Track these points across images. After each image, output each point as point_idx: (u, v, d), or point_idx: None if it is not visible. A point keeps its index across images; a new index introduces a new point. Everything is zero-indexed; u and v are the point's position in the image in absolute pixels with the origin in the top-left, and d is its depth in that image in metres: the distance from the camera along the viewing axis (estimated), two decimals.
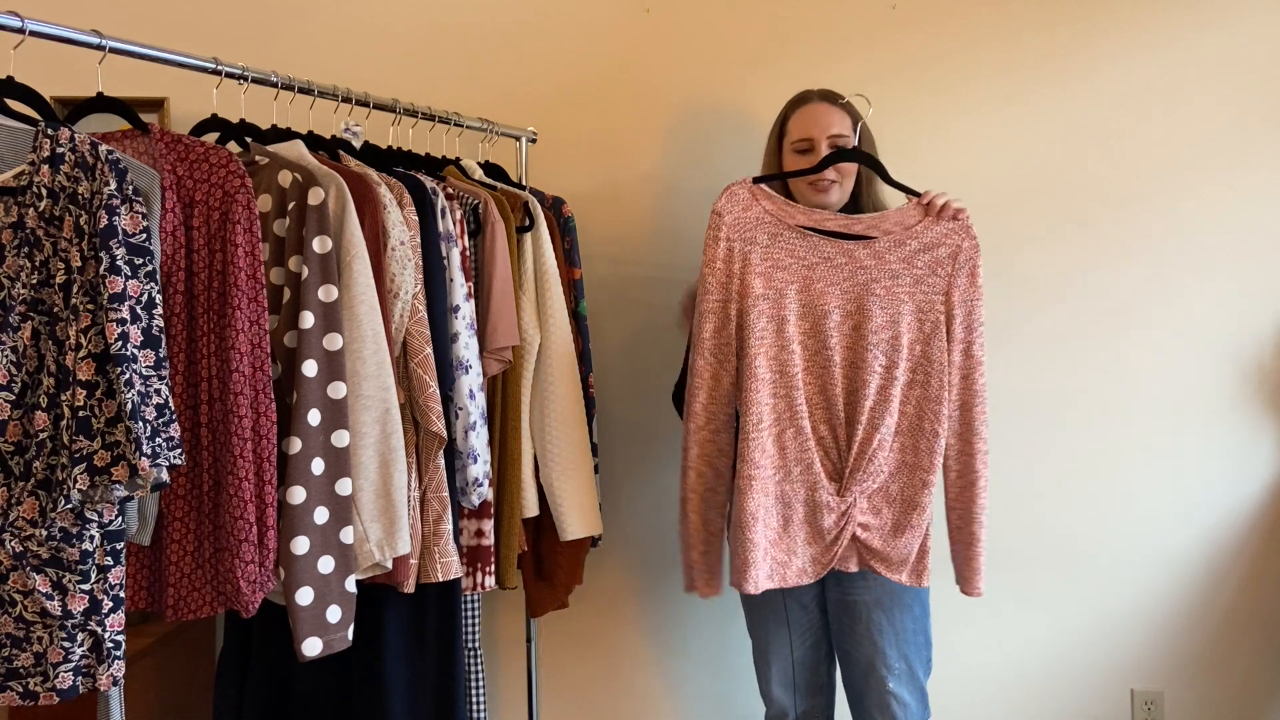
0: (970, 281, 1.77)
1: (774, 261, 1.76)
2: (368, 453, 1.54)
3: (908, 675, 1.86)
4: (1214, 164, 2.31)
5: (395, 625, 1.78)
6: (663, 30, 2.41)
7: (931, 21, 2.35)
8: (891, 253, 1.77)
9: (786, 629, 1.94)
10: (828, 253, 1.77)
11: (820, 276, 1.76)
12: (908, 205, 1.82)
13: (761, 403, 1.75)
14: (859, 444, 1.75)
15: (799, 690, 1.97)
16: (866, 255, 1.77)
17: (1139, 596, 2.37)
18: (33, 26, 1.28)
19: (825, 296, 1.76)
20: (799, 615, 1.93)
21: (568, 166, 2.41)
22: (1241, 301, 2.32)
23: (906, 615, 1.87)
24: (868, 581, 1.85)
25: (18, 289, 1.23)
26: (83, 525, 1.22)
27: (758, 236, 1.77)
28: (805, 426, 1.76)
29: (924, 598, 1.90)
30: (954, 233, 1.79)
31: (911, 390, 1.77)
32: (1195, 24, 2.31)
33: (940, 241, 1.78)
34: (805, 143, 1.89)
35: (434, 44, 2.43)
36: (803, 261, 1.77)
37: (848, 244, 1.78)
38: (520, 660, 2.45)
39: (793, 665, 1.95)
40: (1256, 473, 2.34)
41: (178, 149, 1.42)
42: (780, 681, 1.96)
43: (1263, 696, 2.37)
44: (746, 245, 1.76)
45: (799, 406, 1.76)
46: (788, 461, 1.77)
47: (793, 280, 1.76)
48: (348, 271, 1.51)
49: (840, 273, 1.77)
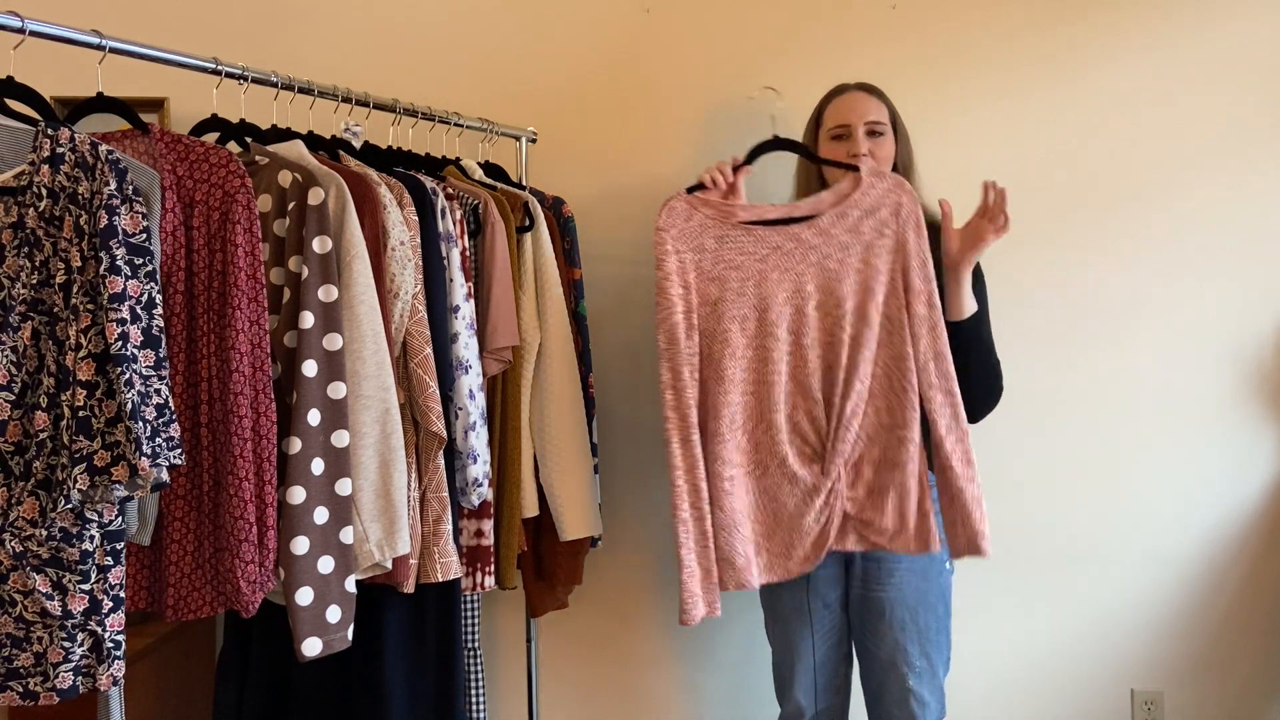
0: (918, 233, 1.79)
1: (726, 262, 1.79)
2: (368, 453, 1.54)
3: (929, 674, 1.86)
4: (1214, 163, 2.31)
5: (395, 625, 1.78)
6: (663, 30, 2.41)
7: (931, 21, 2.35)
8: (836, 226, 1.80)
9: (809, 628, 1.92)
10: (776, 242, 1.80)
11: (774, 266, 1.79)
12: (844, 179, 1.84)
13: (734, 403, 1.77)
14: (837, 419, 1.76)
15: (819, 691, 1.96)
16: (813, 235, 1.80)
17: (1139, 597, 2.37)
18: (33, 26, 1.28)
19: (782, 285, 1.79)
20: (823, 615, 1.92)
21: (568, 166, 2.41)
22: (1241, 301, 2.31)
23: (930, 614, 1.86)
24: (894, 579, 1.84)
25: (18, 289, 1.23)
26: (83, 525, 1.22)
27: (705, 243, 1.79)
28: (778, 420, 1.77)
29: (947, 597, 1.90)
30: (891, 192, 1.81)
31: (880, 352, 1.79)
32: (1195, 23, 2.31)
33: (880, 203, 1.81)
34: (842, 128, 1.91)
35: (434, 44, 2.43)
36: (753, 256, 1.79)
37: (793, 229, 1.80)
38: (520, 660, 2.45)
39: (817, 667, 1.94)
40: (1256, 473, 2.34)
41: (178, 149, 1.43)
42: (800, 682, 1.95)
43: (1263, 696, 2.37)
44: (696, 254, 1.79)
45: (773, 400, 1.77)
46: (763, 457, 1.79)
47: (748, 277, 1.79)
48: (348, 271, 1.51)
49: (791, 258, 1.79)
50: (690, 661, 2.47)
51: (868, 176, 1.81)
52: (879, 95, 1.95)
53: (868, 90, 1.95)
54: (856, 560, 1.89)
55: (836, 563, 1.91)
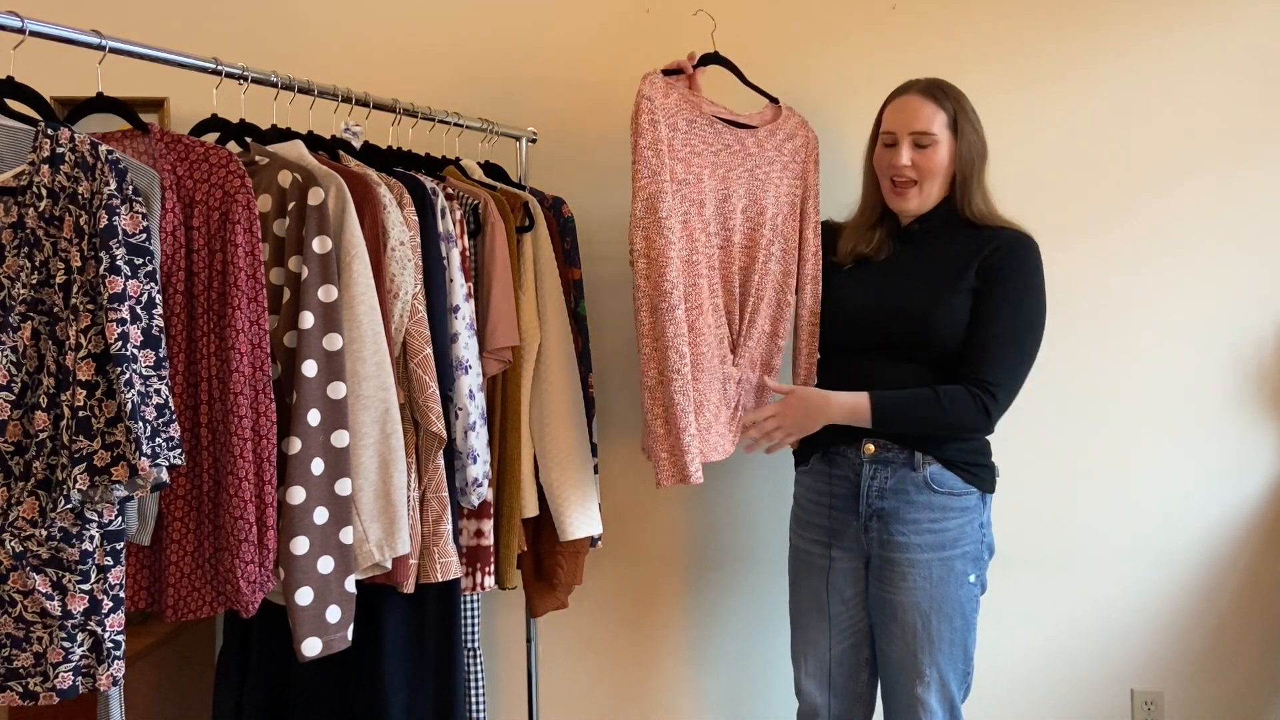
0: (815, 167, 2.03)
1: (690, 148, 1.84)
2: (367, 453, 1.54)
3: (938, 684, 1.82)
4: (1214, 162, 2.31)
5: (395, 625, 1.78)
6: (663, 30, 2.41)
7: (931, 21, 2.35)
8: (768, 141, 1.95)
9: (827, 622, 1.92)
10: (728, 140, 1.89)
11: (723, 163, 1.88)
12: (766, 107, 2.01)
13: (688, 284, 1.80)
14: (749, 316, 1.92)
15: (834, 691, 1.94)
16: (753, 143, 1.92)
17: (1139, 597, 2.37)
18: (33, 26, 1.28)
19: (728, 181, 1.89)
20: (840, 610, 1.91)
21: (568, 166, 2.41)
22: (1241, 301, 2.31)
23: (945, 624, 1.81)
24: (906, 582, 1.81)
25: (18, 289, 1.23)
26: (83, 525, 1.22)
27: (677, 122, 1.84)
28: (719, 304, 1.90)
29: (967, 610, 1.84)
30: (801, 126, 2.04)
31: (771, 265, 1.94)
32: (1196, 23, 2.30)
33: (795, 133, 2.02)
34: (889, 136, 1.87)
35: (434, 44, 2.43)
36: (711, 148, 1.87)
37: (740, 132, 1.91)
38: (520, 660, 2.45)
39: (830, 662, 1.93)
40: (1256, 473, 2.34)
41: (178, 149, 1.43)
42: (814, 676, 1.94)
43: (1263, 696, 2.37)
44: (670, 130, 1.81)
45: (712, 285, 1.87)
46: (708, 338, 1.86)
47: (705, 165, 1.85)
48: (347, 271, 1.51)
49: (737, 159, 1.90)
50: (690, 661, 2.47)
51: (784, 109, 2.01)
52: (938, 98, 1.84)
53: (925, 93, 1.84)
54: (874, 558, 1.87)
55: (854, 556, 1.90)
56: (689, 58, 1.92)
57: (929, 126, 1.82)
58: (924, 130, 1.82)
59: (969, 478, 1.84)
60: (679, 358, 1.74)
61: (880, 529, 1.84)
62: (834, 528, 1.90)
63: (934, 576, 1.81)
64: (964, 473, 1.83)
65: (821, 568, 1.92)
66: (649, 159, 1.74)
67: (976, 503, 1.86)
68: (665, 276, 1.73)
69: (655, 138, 1.75)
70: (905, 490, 1.81)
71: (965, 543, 1.84)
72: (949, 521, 1.82)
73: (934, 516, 1.82)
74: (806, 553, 1.96)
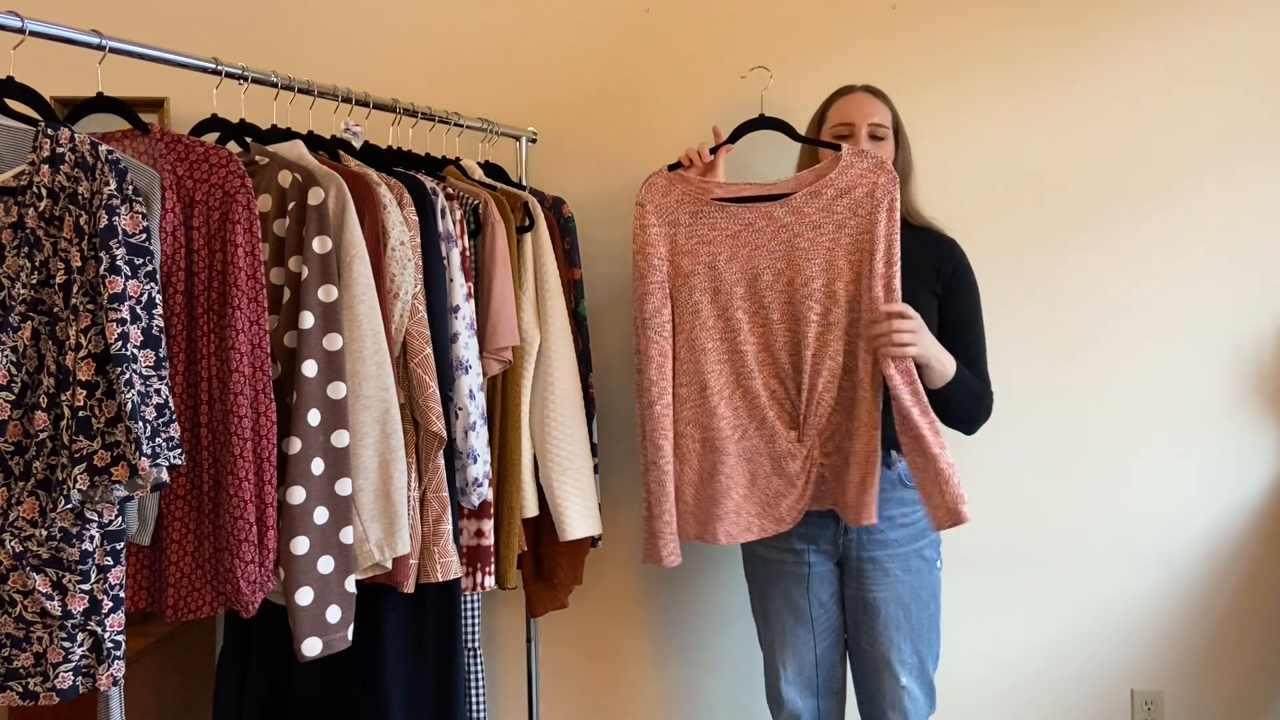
0: (889, 216, 1.79)
1: (699, 237, 1.86)
2: (367, 453, 1.54)
3: (919, 670, 1.89)
4: (1215, 162, 2.31)
5: (395, 625, 1.78)
6: (663, 30, 2.41)
7: (931, 20, 2.35)
8: (809, 205, 1.84)
9: (803, 627, 1.94)
10: (748, 219, 1.86)
11: (745, 242, 1.85)
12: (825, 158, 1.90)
13: (707, 370, 1.86)
14: (807, 391, 1.83)
15: (814, 691, 1.96)
16: (785, 213, 1.84)
17: (1139, 597, 2.37)
18: (33, 26, 1.28)
19: (752, 260, 1.85)
20: (817, 613, 1.93)
21: (568, 166, 2.41)
22: (1241, 301, 2.31)
23: (923, 611, 1.88)
24: (888, 578, 1.86)
25: (18, 289, 1.23)
26: (83, 525, 1.22)
27: (680, 217, 1.86)
28: (755, 385, 1.85)
29: (938, 593, 1.92)
30: (869, 172, 1.82)
31: (850, 330, 1.83)
32: (1196, 22, 2.31)
33: (856, 183, 1.82)
34: (845, 127, 1.93)
35: (434, 44, 2.43)
36: (725, 232, 1.85)
37: (765, 206, 1.86)
38: (520, 660, 2.45)
39: (816, 664, 1.95)
40: (1256, 473, 2.34)
41: (178, 149, 1.43)
42: (797, 681, 1.96)
43: (1263, 696, 2.37)
44: (671, 228, 1.86)
45: (746, 368, 1.85)
46: (742, 420, 1.86)
47: (719, 251, 1.85)
48: (348, 271, 1.51)
49: (762, 235, 1.85)
50: (690, 661, 2.47)
51: (848, 155, 1.83)
52: (884, 99, 1.97)
53: (873, 93, 1.98)
54: (851, 559, 1.89)
55: (830, 560, 1.92)
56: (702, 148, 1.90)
57: (884, 120, 1.94)
58: (880, 122, 1.93)
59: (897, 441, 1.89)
60: (654, 449, 1.85)
61: (860, 530, 1.86)
62: (811, 533, 1.92)
63: (911, 568, 1.87)
64: None
65: (798, 575, 1.93)
66: (638, 262, 1.87)
67: None
68: (645, 374, 1.86)
69: (644, 241, 1.87)
70: (882, 489, 1.84)
71: (930, 531, 1.91)
72: (917, 513, 1.88)
73: (905, 511, 1.88)
74: (778, 561, 1.96)
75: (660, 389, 1.85)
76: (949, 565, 1.98)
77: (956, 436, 2.19)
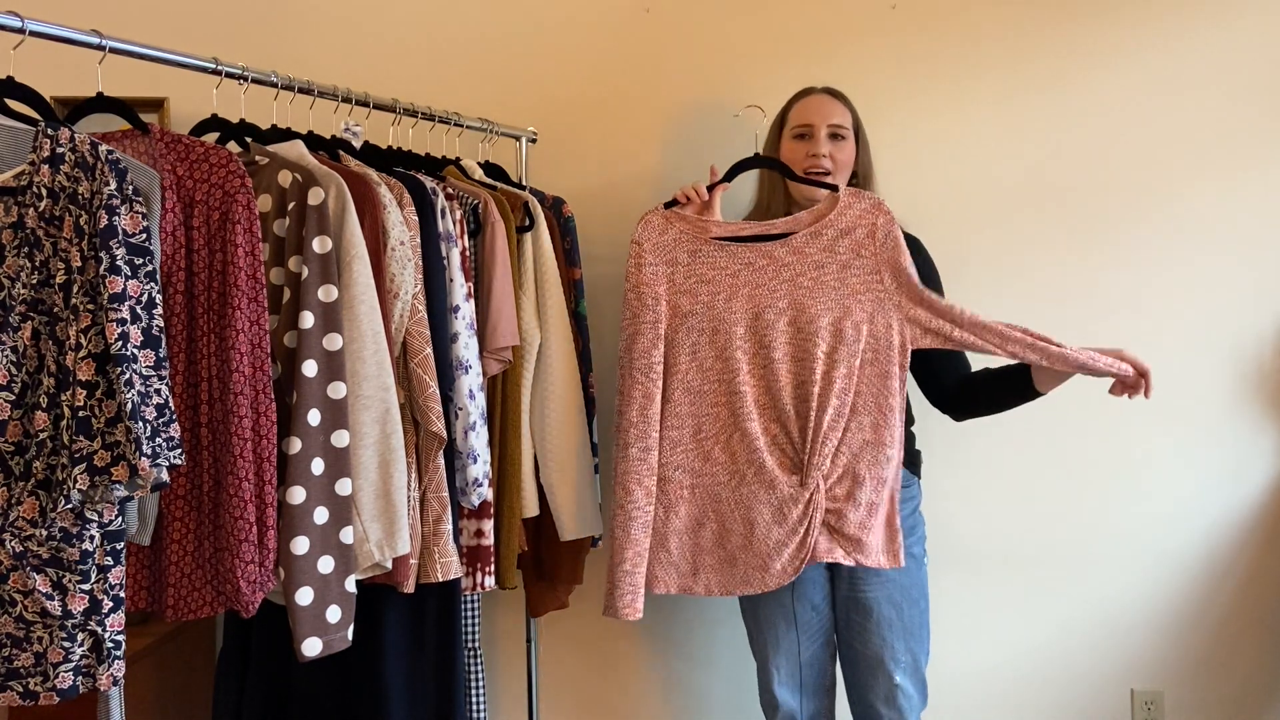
0: (897, 251, 1.79)
1: (697, 277, 1.82)
2: (367, 453, 1.54)
3: (912, 667, 1.89)
4: (1214, 163, 2.31)
5: (395, 625, 1.78)
6: (663, 30, 2.41)
7: (931, 21, 2.35)
8: (810, 245, 1.81)
9: (795, 630, 1.94)
10: (748, 258, 1.82)
11: (745, 281, 1.81)
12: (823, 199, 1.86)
13: (702, 413, 1.81)
14: (812, 433, 1.77)
15: (806, 691, 1.97)
16: (786, 253, 1.81)
17: (1139, 597, 2.37)
18: (33, 26, 1.28)
19: (754, 299, 1.81)
20: (809, 616, 1.93)
21: (568, 166, 2.41)
22: (1241, 301, 2.32)
23: (914, 609, 1.89)
24: (879, 577, 1.86)
25: (18, 289, 1.23)
26: (83, 525, 1.22)
27: (678, 256, 1.83)
28: (753, 429, 1.78)
29: (926, 589, 1.93)
30: (868, 213, 1.82)
31: (864, 370, 1.79)
32: (1195, 23, 2.31)
33: (856, 224, 1.81)
34: (805, 128, 1.93)
35: (434, 44, 2.43)
36: (725, 271, 1.81)
37: (766, 246, 1.82)
38: (520, 660, 2.45)
39: (800, 666, 1.95)
40: (1256, 473, 2.34)
41: (178, 149, 1.43)
42: (788, 683, 1.96)
43: (1263, 696, 2.37)
44: (669, 267, 1.82)
45: (744, 410, 1.79)
46: (739, 466, 1.80)
47: (719, 290, 1.81)
48: (348, 271, 1.51)
49: (763, 274, 1.81)
50: (690, 661, 2.47)
51: (846, 197, 1.82)
52: (844, 100, 1.97)
53: (833, 94, 1.98)
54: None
55: (821, 566, 1.92)
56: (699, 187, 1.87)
57: (844, 121, 1.94)
58: (839, 123, 1.93)
59: (912, 468, 1.93)
60: (624, 493, 1.80)
61: None
62: None
63: (902, 568, 1.86)
64: (909, 465, 1.91)
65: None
66: (631, 301, 1.83)
67: (916, 490, 1.95)
68: (625, 415, 1.81)
69: (639, 280, 1.83)
70: None
71: (917, 529, 1.93)
72: (904, 511, 1.87)
73: None
74: None
75: (639, 432, 1.79)
76: (949, 566, 1.99)
77: (956, 436, 2.19)
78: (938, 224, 2.02)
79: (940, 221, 2.03)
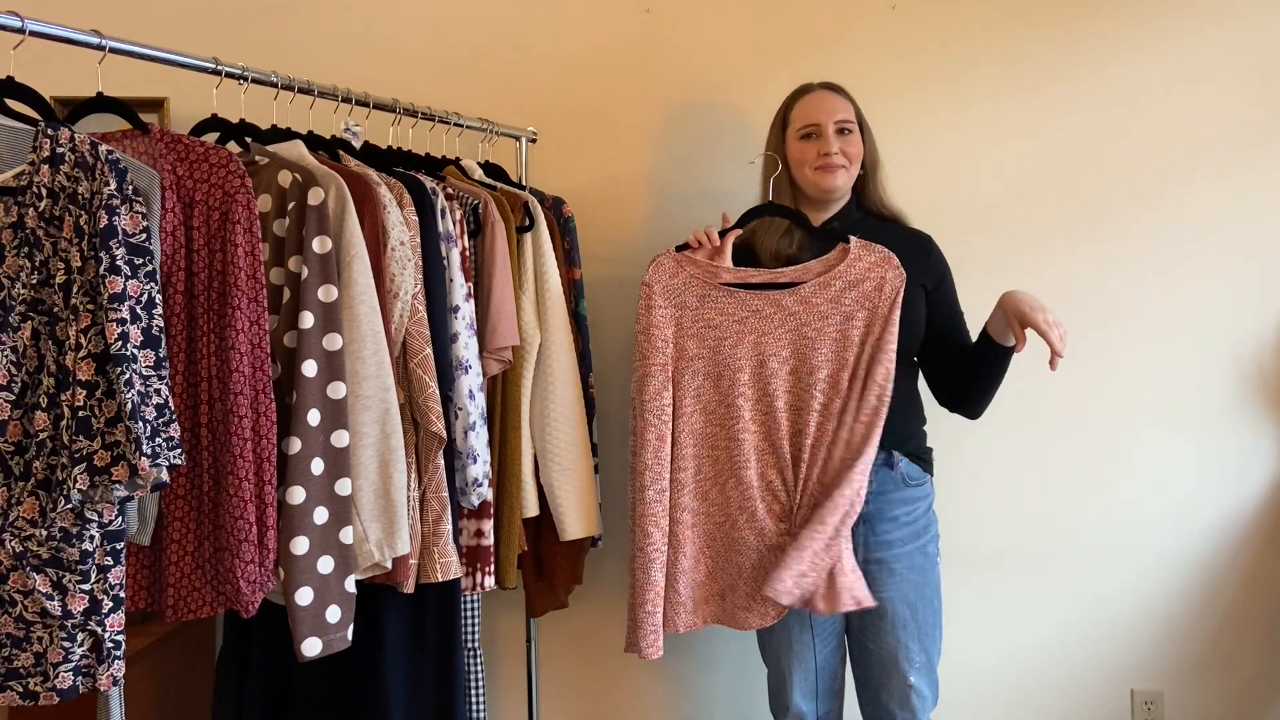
0: (893, 309, 1.79)
1: (705, 321, 1.83)
2: (367, 453, 1.54)
3: (926, 667, 1.88)
4: (1214, 162, 2.31)
5: (395, 625, 1.78)
6: (663, 30, 2.41)
7: (931, 21, 2.35)
8: (818, 295, 1.81)
9: (810, 634, 1.93)
10: (756, 306, 1.82)
11: (752, 328, 1.82)
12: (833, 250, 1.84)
13: (702, 455, 1.84)
14: (803, 483, 1.80)
15: (820, 696, 1.96)
16: (793, 302, 1.81)
17: (1139, 597, 2.37)
18: (33, 26, 1.28)
19: (759, 347, 1.81)
20: (822, 619, 1.92)
21: (568, 166, 2.41)
22: (1241, 301, 2.32)
23: (928, 608, 1.88)
24: (894, 578, 1.85)
25: (18, 289, 1.23)
26: (83, 525, 1.22)
27: (687, 300, 1.83)
28: (749, 476, 1.80)
29: (939, 588, 1.92)
30: (878, 265, 1.81)
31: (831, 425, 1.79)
32: (1195, 24, 2.31)
33: (865, 276, 1.81)
34: (812, 127, 1.90)
35: (434, 44, 2.43)
36: (732, 318, 1.82)
37: (774, 294, 1.82)
38: (520, 660, 2.45)
39: (821, 669, 1.94)
40: (1256, 473, 2.34)
41: (178, 149, 1.43)
42: (803, 687, 1.95)
43: (1263, 696, 2.37)
44: (678, 310, 1.83)
45: (742, 456, 1.80)
46: (731, 511, 1.83)
47: (725, 336, 1.82)
48: (347, 271, 1.51)
49: (770, 323, 1.81)
50: (690, 661, 2.47)
51: (856, 249, 1.82)
52: (845, 94, 1.95)
53: (834, 89, 1.95)
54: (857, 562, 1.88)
55: None
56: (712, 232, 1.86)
57: (848, 115, 1.92)
58: (845, 118, 1.91)
59: (925, 466, 1.92)
60: (643, 535, 1.81)
61: (866, 532, 1.85)
62: None
63: (916, 566, 1.87)
64: (922, 463, 1.91)
65: None
66: (641, 343, 1.84)
67: (930, 488, 1.93)
68: (640, 457, 1.82)
69: (649, 323, 1.83)
70: (886, 490, 1.85)
71: (930, 528, 1.92)
72: (918, 511, 1.88)
73: (908, 510, 1.87)
74: None
75: (655, 474, 1.80)
76: (949, 566, 1.98)
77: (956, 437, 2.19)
78: (937, 223, 2.01)
79: (940, 221, 2.03)
